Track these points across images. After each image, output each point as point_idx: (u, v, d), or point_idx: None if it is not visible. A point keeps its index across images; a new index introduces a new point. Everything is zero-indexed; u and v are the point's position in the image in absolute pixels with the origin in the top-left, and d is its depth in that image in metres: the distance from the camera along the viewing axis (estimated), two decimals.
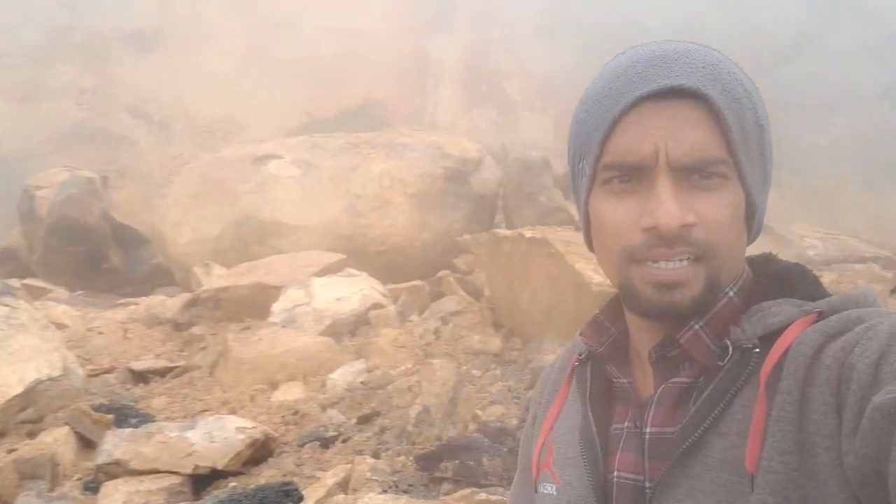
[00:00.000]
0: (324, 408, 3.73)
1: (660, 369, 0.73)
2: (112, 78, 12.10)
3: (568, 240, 4.41)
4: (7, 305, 3.96)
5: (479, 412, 3.12)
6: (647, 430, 0.71)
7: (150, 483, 2.94)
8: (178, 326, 5.52)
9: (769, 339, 0.66)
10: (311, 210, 7.46)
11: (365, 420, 3.51)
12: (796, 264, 0.76)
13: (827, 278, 6.69)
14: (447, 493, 2.61)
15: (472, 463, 2.69)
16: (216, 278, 6.03)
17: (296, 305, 5.08)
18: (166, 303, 5.90)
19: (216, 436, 3.05)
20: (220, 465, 3.00)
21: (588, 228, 0.77)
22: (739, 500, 0.61)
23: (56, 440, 3.33)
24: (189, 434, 3.03)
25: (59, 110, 11.13)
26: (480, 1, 16.18)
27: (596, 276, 3.88)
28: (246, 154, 7.96)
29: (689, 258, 0.67)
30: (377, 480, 2.79)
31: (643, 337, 0.76)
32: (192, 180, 7.94)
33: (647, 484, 0.69)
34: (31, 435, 3.50)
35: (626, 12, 15.96)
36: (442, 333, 4.71)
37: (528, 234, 4.66)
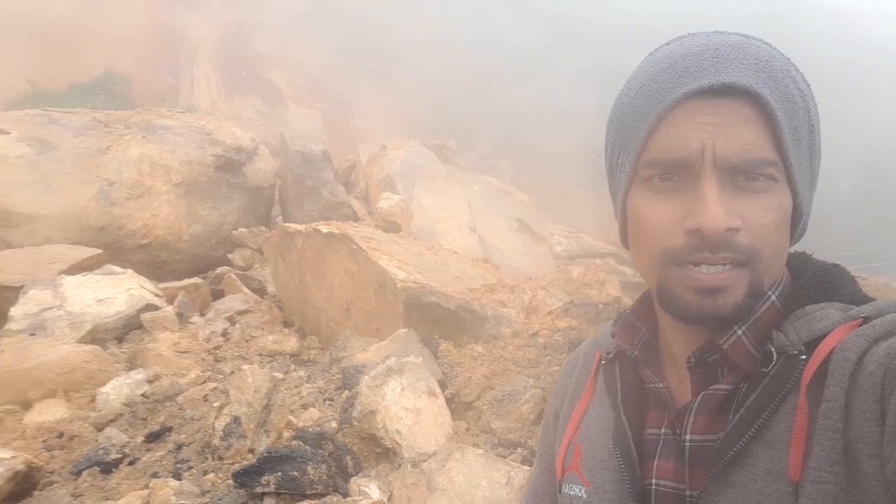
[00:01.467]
0: (98, 427, 3.21)
1: (698, 374, 0.71)
2: None
3: (368, 236, 4.40)
4: None
5: (293, 418, 2.96)
6: (688, 437, 0.69)
7: None
8: None
9: (813, 344, 0.64)
10: (49, 197, 6.35)
11: (154, 437, 3.10)
12: (834, 265, 0.73)
13: (575, 271, 7.66)
14: None
15: (296, 473, 2.53)
16: None
17: (43, 309, 4.28)
18: None
19: None
20: None
21: (625, 226, 0.74)
22: None
23: None
24: None
25: None
26: None
27: (400, 272, 3.93)
28: None
29: (731, 263, 0.65)
30: None
31: (679, 340, 0.73)
32: None
33: (689, 493, 0.67)
34: None
35: (388, 12, 16.42)
36: (231, 335, 4.36)
37: (324, 228, 4.54)
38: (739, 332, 0.68)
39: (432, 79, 14.78)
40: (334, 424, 2.95)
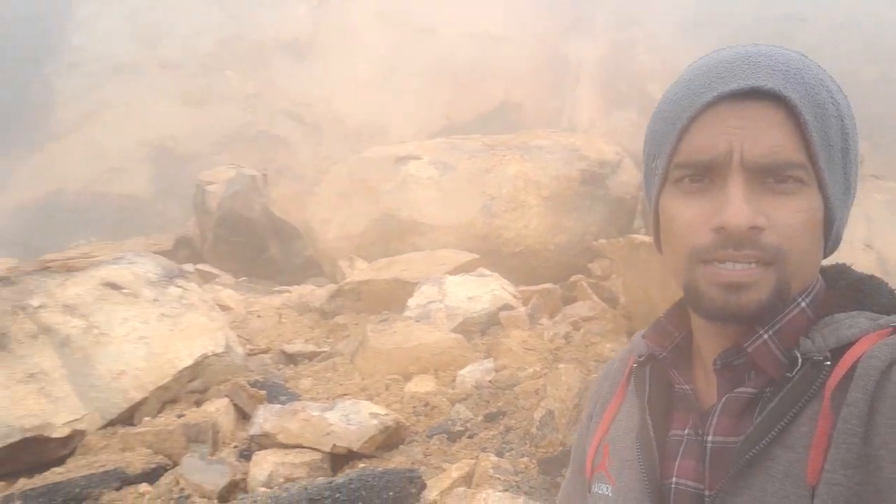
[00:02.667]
0: (452, 402, 3.86)
1: (724, 377, 0.72)
2: (271, 83, 13.18)
3: None
4: (181, 287, 4.49)
5: None
6: (710, 438, 0.71)
7: (294, 457, 3.21)
8: (324, 315, 5.94)
9: (840, 351, 0.64)
10: (447, 210, 7.68)
11: (491, 418, 3.59)
12: (871, 276, 0.73)
13: None
14: None
15: None
16: (358, 272, 6.41)
17: (430, 301, 5.29)
18: (315, 292, 6.37)
19: (352, 419, 3.27)
20: (355, 447, 3.21)
21: (657, 228, 0.76)
22: None
23: (217, 410, 3.74)
24: (328, 415, 3.28)
25: (227, 113, 12.34)
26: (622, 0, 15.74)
27: None
28: (388, 155, 8.37)
29: (757, 262, 0.65)
30: (499, 479, 2.86)
31: (708, 343, 0.74)
32: (340, 179, 8.47)
33: (707, 493, 0.69)
34: (198, 403, 3.95)
35: (781, 5, 14.79)
36: (573, 339, 4.69)
37: None
38: (766, 336, 0.68)
39: (837, 70, 12.80)
40: None
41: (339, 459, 3.28)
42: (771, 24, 14.59)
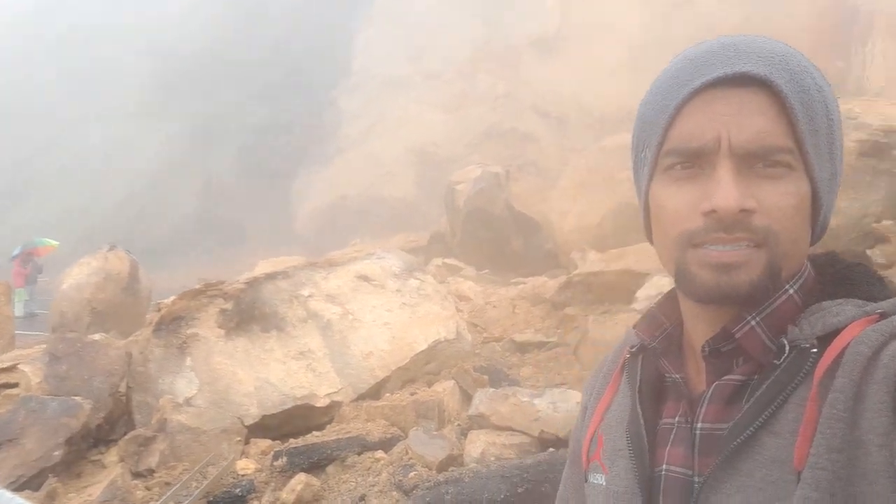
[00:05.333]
0: None
1: (713, 364, 0.72)
2: (520, 82, 13.63)
3: None
4: (419, 279, 4.98)
5: None
6: (699, 425, 0.71)
7: (505, 438, 3.39)
8: (555, 306, 6.04)
9: (828, 339, 0.64)
10: None
11: None
12: (859, 263, 0.73)
13: None
14: None
15: None
16: (590, 263, 6.37)
17: (659, 293, 5.04)
18: (547, 284, 6.50)
19: (559, 406, 3.33)
20: (561, 434, 3.26)
21: (648, 217, 0.76)
22: (788, 498, 0.60)
23: (444, 390, 4.09)
24: (536, 401, 3.38)
25: (479, 115, 13.11)
26: None
27: None
28: (627, 142, 8.09)
29: (747, 244, 0.65)
30: None
31: (698, 330, 0.74)
32: (578, 171, 8.48)
33: (696, 478, 0.70)
34: (429, 384, 4.36)
35: None
36: None
37: None
38: (753, 322, 0.69)
39: None
40: None
41: (548, 445, 3.36)
42: None
